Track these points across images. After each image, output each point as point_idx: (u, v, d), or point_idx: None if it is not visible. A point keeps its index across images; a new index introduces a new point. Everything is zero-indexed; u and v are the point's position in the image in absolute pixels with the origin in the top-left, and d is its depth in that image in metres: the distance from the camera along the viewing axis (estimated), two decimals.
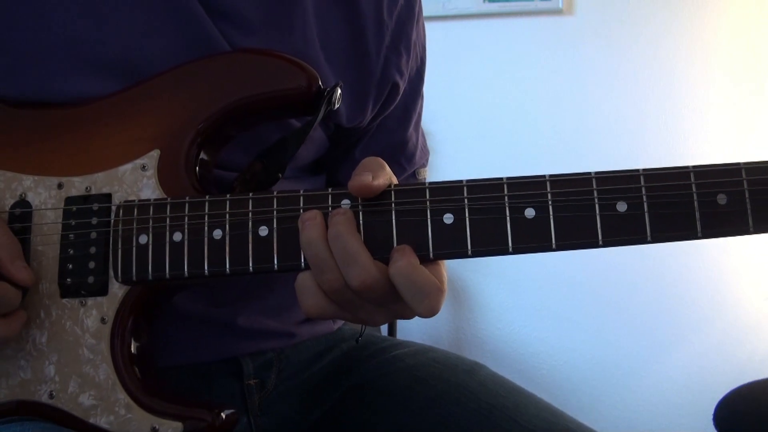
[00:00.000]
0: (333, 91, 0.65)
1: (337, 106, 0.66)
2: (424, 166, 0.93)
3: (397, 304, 0.57)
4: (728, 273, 2.14)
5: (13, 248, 0.62)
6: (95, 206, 0.63)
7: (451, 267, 0.62)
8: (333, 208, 0.58)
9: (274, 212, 0.59)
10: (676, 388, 2.18)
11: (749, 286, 2.13)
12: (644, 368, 2.21)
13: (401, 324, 2.19)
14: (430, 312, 0.55)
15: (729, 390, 1.35)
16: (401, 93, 0.83)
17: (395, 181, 0.59)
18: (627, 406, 2.21)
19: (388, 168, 0.59)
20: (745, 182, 0.53)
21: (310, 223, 0.56)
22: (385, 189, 0.57)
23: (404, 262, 0.55)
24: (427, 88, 0.90)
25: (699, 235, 0.53)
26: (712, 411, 1.33)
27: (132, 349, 0.62)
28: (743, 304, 2.13)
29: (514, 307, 2.30)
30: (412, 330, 2.29)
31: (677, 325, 2.17)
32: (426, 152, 0.94)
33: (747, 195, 0.53)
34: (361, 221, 0.57)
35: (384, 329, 2.09)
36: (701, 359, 2.16)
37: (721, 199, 0.53)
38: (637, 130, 2.18)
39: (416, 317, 0.60)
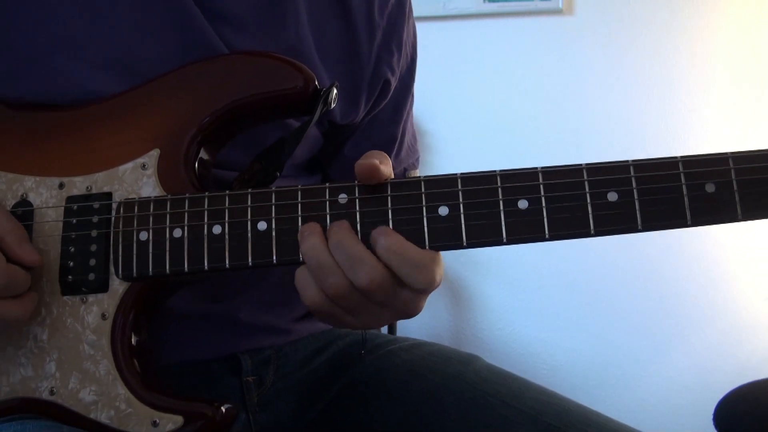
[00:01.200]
0: (329, 91, 0.66)
1: (333, 105, 0.67)
2: (415, 167, 0.94)
3: (400, 296, 0.58)
4: (728, 273, 2.14)
5: (19, 232, 0.62)
6: (96, 204, 0.64)
7: (450, 267, 0.63)
8: (330, 202, 0.59)
9: (273, 207, 0.60)
10: (676, 388, 2.18)
11: (749, 286, 2.13)
12: (644, 368, 2.21)
13: (401, 325, 2.19)
14: (430, 283, 0.56)
15: (729, 390, 1.35)
16: (392, 90, 0.85)
17: (392, 175, 0.60)
18: (627, 406, 2.21)
19: (390, 160, 0.60)
20: (732, 171, 0.54)
21: (309, 232, 0.57)
22: (383, 181, 0.58)
23: (392, 239, 0.56)
24: (427, 88, 0.91)
25: (689, 223, 0.54)
26: (712, 411, 1.33)
27: (132, 344, 0.63)
28: (743, 304, 2.13)
29: (514, 308, 2.30)
30: (412, 330, 2.29)
31: (677, 325, 2.17)
32: (415, 152, 0.95)
33: (735, 183, 0.54)
34: (357, 214, 0.58)
35: (384, 329, 2.09)
36: (701, 359, 2.16)
37: (710, 187, 0.54)
38: (637, 131, 2.18)
39: (416, 316, 0.60)
